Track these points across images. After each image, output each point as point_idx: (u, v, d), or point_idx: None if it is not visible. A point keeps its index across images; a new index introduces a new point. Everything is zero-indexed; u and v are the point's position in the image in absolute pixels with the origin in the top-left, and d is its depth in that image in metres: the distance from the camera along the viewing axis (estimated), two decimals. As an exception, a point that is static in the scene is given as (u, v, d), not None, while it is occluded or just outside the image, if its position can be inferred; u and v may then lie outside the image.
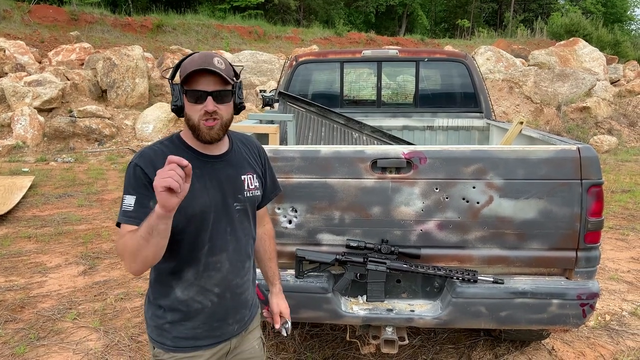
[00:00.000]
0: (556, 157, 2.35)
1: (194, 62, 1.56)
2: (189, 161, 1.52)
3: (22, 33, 18.06)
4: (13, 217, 6.34)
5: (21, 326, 3.67)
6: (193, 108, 1.57)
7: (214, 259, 1.66)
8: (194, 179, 1.57)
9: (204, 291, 1.66)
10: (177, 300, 1.65)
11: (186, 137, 1.66)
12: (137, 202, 1.53)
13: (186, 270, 1.64)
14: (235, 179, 1.71)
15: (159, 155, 1.58)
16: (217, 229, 1.66)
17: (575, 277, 2.45)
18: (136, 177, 1.55)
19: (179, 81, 1.60)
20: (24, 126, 10.85)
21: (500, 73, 14.93)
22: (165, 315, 1.66)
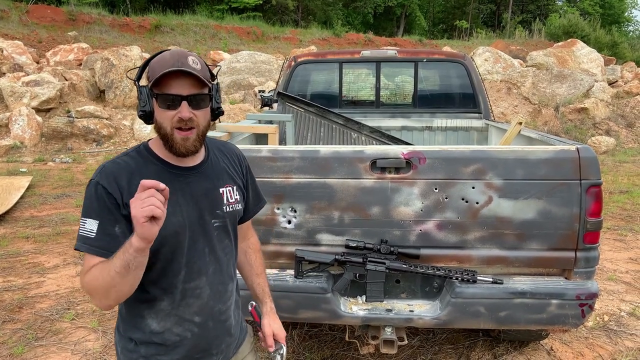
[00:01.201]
0: (555, 158, 2.36)
1: (166, 61, 1.35)
2: (156, 173, 1.40)
3: (20, 33, 18.04)
4: (11, 218, 6.32)
5: (19, 326, 3.66)
6: (165, 115, 1.37)
7: (192, 285, 1.47)
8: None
9: (183, 321, 1.48)
10: (152, 333, 1.46)
11: (155, 146, 1.46)
12: (100, 228, 1.33)
13: (161, 299, 1.45)
14: (212, 193, 1.52)
15: (123, 169, 1.40)
16: (194, 251, 1.47)
17: (574, 277, 2.45)
18: (98, 198, 1.35)
19: (148, 83, 1.39)
20: (21, 126, 10.83)
21: (499, 74, 14.94)
22: (138, 349, 1.47)
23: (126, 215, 1.33)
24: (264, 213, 2.50)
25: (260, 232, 2.51)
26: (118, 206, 1.36)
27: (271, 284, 2.49)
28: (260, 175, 2.46)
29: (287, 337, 3.40)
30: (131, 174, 1.39)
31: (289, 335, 3.44)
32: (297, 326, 3.54)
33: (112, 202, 1.35)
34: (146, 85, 1.39)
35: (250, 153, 2.50)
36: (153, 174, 1.40)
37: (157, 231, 1.19)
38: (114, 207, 1.35)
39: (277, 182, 2.46)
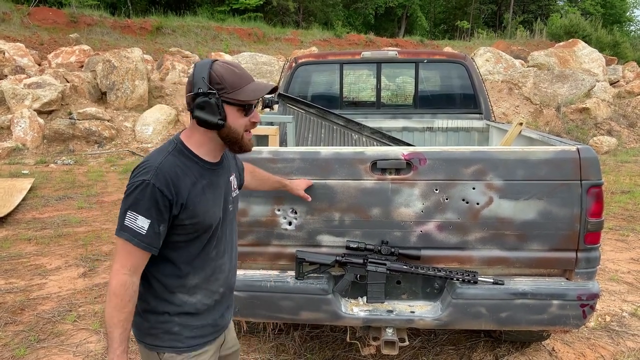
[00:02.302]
0: (556, 158, 2.35)
1: (244, 75, 1.57)
2: (198, 171, 1.61)
3: (22, 35, 18.08)
4: (13, 220, 6.34)
5: (21, 328, 3.66)
6: (241, 120, 1.57)
7: (219, 262, 1.71)
8: (206, 189, 1.62)
9: (211, 293, 1.71)
10: (186, 304, 1.66)
11: (190, 144, 1.61)
12: (151, 227, 1.50)
13: (192, 276, 1.65)
14: (228, 183, 1.76)
15: (176, 170, 1.54)
16: (222, 233, 1.71)
17: (576, 278, 2.45)
18: (153, 199, 1.50)
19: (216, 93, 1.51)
20: (23, 128, 10.85)
21: (500, 74, 14.94)
22: (173, 319, 1.65)
23: (176, 214, 1.54)
24: (264, 214, 2.51)
25: (261, 233, 2.53)
26: (170, 207, 1.52)
27: (272, 285, 2.51)
28: (261, 176, 2.47)
29: (288, 338, 3.42)
30: (183, 173, 1.56)
31: (290, 336, 3.45)
32: (299, 327, 3.54)
33: (166, 203, 1.51)
34: (217, 96, 1.51)
35: (251, 154, 2.50)
36: (197, 172, 1.60)
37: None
38: (165, 208, 1.51)
39: None
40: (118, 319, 1.50)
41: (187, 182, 1.55)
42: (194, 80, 1.53)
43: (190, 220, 1.57)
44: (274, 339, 3.42)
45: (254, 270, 2.62)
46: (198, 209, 1.57)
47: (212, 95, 1.51)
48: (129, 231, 1.49)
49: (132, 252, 1.51)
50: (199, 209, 1.58)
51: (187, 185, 1.55)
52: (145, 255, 1.54)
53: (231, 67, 1.57)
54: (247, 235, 2.54)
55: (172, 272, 1.62)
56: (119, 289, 1.49)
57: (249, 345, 3.39)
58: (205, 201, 1.60)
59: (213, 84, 1.52)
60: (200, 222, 1.59)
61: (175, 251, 1.61)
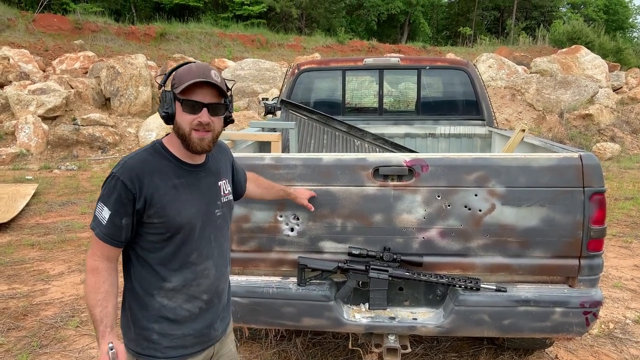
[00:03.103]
0: (558, 165, 2.35)
1: (193, 73, 1.56)
2: (173, 170, 1.62)
3: (27, 42, 18.19)
4: (16, 225, 6.36)
5: (24, 334, 3.67)
6: (186, 117, 1.57)
7: (202, 267, 1.68)
8: (181, 189, 1.62)
9: (193, 299, 1.67)
10: (165, 309, 1.64)
11: (170, 145, 1.65)
12: (110, 219, 1.54)
13: (174, 280, 1.64)
14: (214, 187, 1.74)
15: (144, 166, 1.58)
16: (203, 237, 1.68)
17: (578, 285, 2.44)
18: (117, 192, 1.54)
19: (171, 89, 1.60)
20: (27, 134, 10.90)
21: (502, 80, 14.94)
22: (152, 326, 1.63)
23: (139, 209, 1.55)
24: (266, 220, 2.51)
25: (263, 240, 2.53)
26: (133, 201, 1.54)
27: (274, 291, 2.51)
28: (263, 183, 2.47)
29: (290, 344, 3.41)
30: (153, 171, 1.58)
31: (292, 343, 3.44)
32: (301, 334, 3.53)
33: (129, 197, 1.54)
34: (170, 90, 1.59)
35: (254, 161, 2.51)
36: (171, 170, 1.62)
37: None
38: (129, 202, 1.54)
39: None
40: (95, 299, 1.52)
41: (155, 179, 1.57)
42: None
43: (159, 218, 1.57)
44: (276, 346, 3.42)
45: (256, 276, 2.62)
46: (167, 207, 1.57)
47: (166, 90, 1.59)
48: (95, 220, 1.56)
49: (97, 241, 1.56)
50: (168, 208, 1.58)
51: (155, 182, 1.56)
52: (109, 247, 1.56)
53: (191, 66, 1.60)
54: (250, 241, 2.55)
55: (150, 273, 1.62)
56: (91, 271, 1.55)
57: (251, 352, 3.38)
58: (176, 200, 1.59)
59: (172, 81, 1.60)
60: (170, 222, 1.58)
61: (152, 252, 1.61)
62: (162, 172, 1.59)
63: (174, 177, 1.61)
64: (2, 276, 4.74)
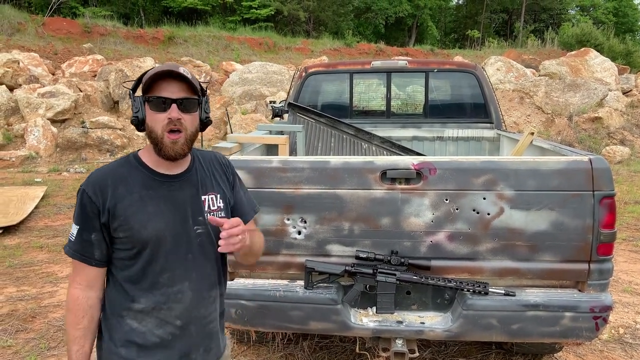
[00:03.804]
0: (568, 169, 2.34)
1: (158, 69, 1.47)
2: (142, 181, 1.50)
3: (36, 45, 18.34)
4: (25, 227, 6.40)
5: (32, 336, 3.68)
6: (156, 117, 1.45)
7: (175, 289, 1.52)
8: (148, 200, 1.49)
9: (164, 324, 1.52)
10: (133, 333, 1.50)
11: (144, 155, 1.54)
12: (79, 234, 1.47)
13: (143, 300, 1.50)
14: (194, 201, 1.56)
15: (109, 176, 1.49)
16: (176, 256, 1.52)
17: (588, 289, 2.42)
18: (82, 205, 1.46)
19: (141, 92, 1.49)
20: (37, 137, 10.98)
21: (511, 83, 14.88)
22: (119, 351, 1.50)
23: (105, 223, 1.46)
24: (273, 223, 2.51)
25: (271, 243, 2.52)
26: (98, 214, 1.46)
27: (281, 294, 2.50)
28: (271, 185, 2.48)
29: (297, 348, 3.40)
30: (117, 181, 1.48)
31: (299, 346, 3.43)
32: (308, 337, 3.52)
33: (94, 210, 1.45)
34: (140, 95, 1.48)
35: (261, 164, 2.51)
36: (139, 181, 1.50)
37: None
38: (94, 215, 1.46)
39: (287, 192, 2.47)
40: (73, 336, 1.46)
41: (119, 190, 1.46)
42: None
43: (124, 232, 1.46)
44: (283, 349, 3.41)
45: (263, 279, 2.62)
46: (132, 220, 1.46)
47: (136, 94, 1.50)
48: (68, 241, 1.50)
49: (73, 263, 1.49)
50: (132, 220, 1.46)
51: (119, 193, 1.46)
52: (85, 267, 1.48)
53: (158, 66, 1.49)
54: (257, 244, 2.54)
55: (119, 292, 1.51)
56: (71, 304, 1.48)
57: (257, 355, 3.38)
58: (143, 213, 1.47)
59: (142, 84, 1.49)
60: (134, 235, 1.46)
61: (121, 270, 1.51)
62: (129, 183, 1.48)
63: (142, 188, 1.49)
64: (10, 278, 4.77)
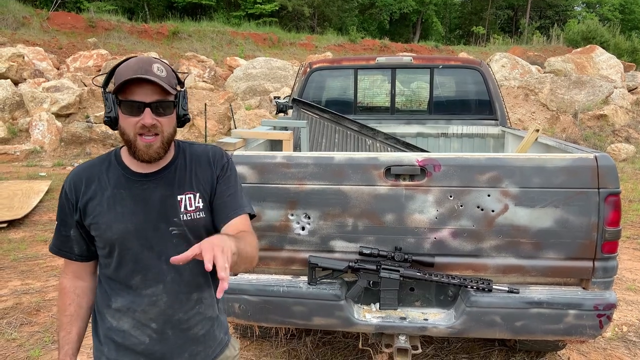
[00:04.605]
0: (573, 166, 2.32)
1: (129, 68, 1.36)
2: (115, 179, 1.45)
3: (41, 39, 18.37)
4: (30, 221, 6.42)
5: (36, 329, 3.70)
6: (128, 121, 1.37)
7: (148, 292, 1.47)
8: (117, 200, 1.44)
9: (140, 325, 1.49)
10: (113, 331, 1.50)
11: (124, 152, 1.50)
12: (58, 229, 1.50)
13: (119, 300, 1.49)
14: (168, 200, 1.47)
15: (84, 174, 1.48)
16: (148, 258, 1.46)
17: (592, 287, 2.41)
18: (60, 201, 1.49)
19: (112, 90, 1.39)
20: (41, 131, 11.01)
21: (516, 80, 14.82)
22: (102, 349, 1.53)
23: (78, 220, 1.46)
24: (277, 219, 2.51)
25: (274, 238, 2.52)
26: (72, 210, 1.47)
27: (285, 290, 2.51)
28: (275, 181, 2.47)
29: (300, 343, 3.41)
30: (91, 179, 1.46)
31: (302, 342, 3.44)
32: (310, 333, 3.53)
33: (69, 206, 1.47)
34: (111, 92, 1.40)
35: (265, 159, 2.51)
36: (114, 180, 1.47)
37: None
38: (70, 211, 1.47)
39: (291, 188, 2.47)
40: (61, 322, 1.53)
41: (91, 187, 1.44)
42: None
43: (94, 231, 1.45)
44: (286, 344, 3.42)
45: (267, 274, 2.62)
46: (99, 219, 1.43)
47: (108, 92, 1.41)
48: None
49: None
50: (100, 220, 1.43)
51: (91, 190, 1.44)
52: (67, 261, 1.55)
53: (130, 62, 1.39)
54: (260, 239, 2.54)
55: (101, 290, 1.53)
56: (60, 292, 1.56)
57: (260, 350, 3.38)
58: (110, 212, 1.42)
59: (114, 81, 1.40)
60: (102, 235, 1.44)
61: (101, 268, 1.53)
62: (102, 181, 1.45)
63: (113, 187, 1.44)
64: (15, 272, 4.79)
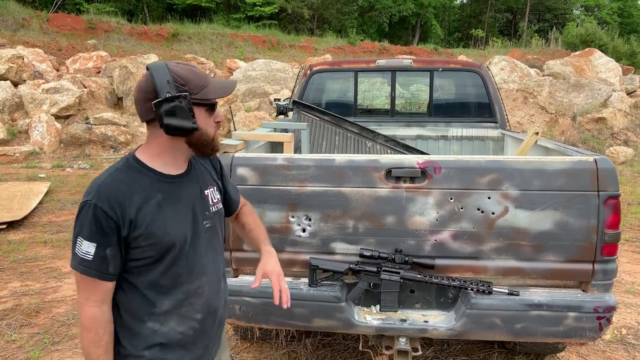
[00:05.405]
0: (572, 169, 2.34)
1: (201, 75, 1.47)
2: (151, 184, 1.45)
3: (41, 41, 18.36)
4: (29, 223, 6.42)
5: (36, 331, 3.70)
6: (210, 121, 1.50)
7: (194, 285, 1.54)
8: (163, 204, 1.46)
9: (186, 319, 1.54)
10: (157, 335, 1.49)
11: (145, 156, 1.49)
12: (97, 252, 1.38)
13: (166, 302, 1.49)
14: (200, 196, 1.58)
15: (120, 187, 1.41)
16: (194, 253, 1.54)
17: (592, 289, 2.42)
18: (96, 221, 1.37)
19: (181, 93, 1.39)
20: (41, 133, 11.01)
21: (515, 83, 14.85)
22: (143, 354, 1.49)
23: (125, 236, 1.40)
24: (278, 221, 2.51)
25: (275, 240, 2.53)
26: (117, 228, 1.39)
27: (285, 292, 2.50)
28: (276, 183, 2.48)
29: (300, 345, 3.41)
30: (130, 191, 1.41)
31: (302, 344, 3.44)
32: (311, 335, 3.53)
33: (111, 225, 1.38)
34: (184, 99, 1.39)
35: (266, 161, 2.52)
36: (149, 187, 1.45)
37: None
38: (111, 230, 1.38)
39: (292, 190, 2.47)
40: (96, 354, 1.41)
41: (135, 199, 1.41)
42: (157, 85, 1.38)
43: (147, 241, 1.42)
44: (286, 346, 3.42)
45: (268, 276, 2.62)
46: (153, 227, 1.42)
47: (182, 99, 1.39)
48: (77, 259, 1.39)
49: (87, 282, 1.40)
50: (154, 228, 1.42)
51: (136, 202, 1.41)
52: (101, 283, 1.41)
53: (188, 67, 1.48)
54: (261, 241, 2.55)
55: (140, 299, 1.47)
56: (89, 323, 1.40)
57: (260, 352, 3.39)
58: (162, 218, 1.45)
59: (179, 86, 1.40)
60: (158, 242, 1.43)
61: (140, 276, 1.46)
62: (141, 190, 1.43)
63: (155, 193, 1.46)
64: (15, 273, 4.79)
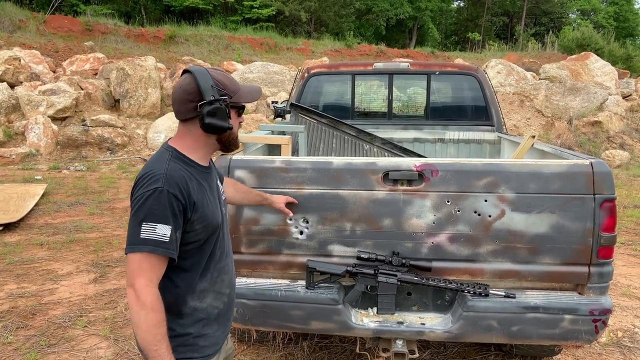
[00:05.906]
0: (569, 172, 2.35)
1: (234, 81, 1.67)
2: (198, 175, 1.65)
3: (37, 43, 18.33)
4: (25, 225, 6.40)
5: (32, 333, 3.69)
6: (236, 122, 1.70)
7: (222, 264, 1.75)
8: (208, 192, 1.66)
9: (219, 295, 1.73)
10: (198, 312, 1.66)
11: (185, 150, 1.64)
12: (172, 233, 1.49)
13: (204, 281, 1.67)
14: (218, 187, 1.81)
15: (182, 175, 1.56)
16: (223, 235, 1.76)
17: (588, 292, 2.43)
18: (169, 205, 1.49)
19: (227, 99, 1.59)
20: (37, 134, 10.99)
21: (511, 86, 14.91)
22: (189, 331, 1.64)
23: (189, 218, 1.55)
24: (276, 223, 2.52)
25: (272, 243, 2.54)
26: (184, 211, 1.54)
27: (282, 294, 2.52)
28: (273, 185, 2.49)
29: (297, 347, 3.41)
30: (188, 178, 1.59)
31: (299, 346, 3.44)
32: (308, 337, 3.53)
33: (180, 208, 1.52)
34: (223, 101, 1.58)
35: (263, 164, 2.52)
36: (195, 175, 1.63)
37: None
38: (180, 213, 1.52)
39: (289, 192, 2.48)
40: (162, 334, 1.45)
41: (194, 185, 1.59)
42: (201, 88, 1.55)
43: (201, 223, 1.59)
44: (283, 349, 3.42)
45: (265, 279, 2.63)
46: (206, 210, 1.61)
47: (222, 102, 1.58)
48: (151, 243, 1.46)
49: (156, 264, 1.48)
50: (207, 211, 1.62)
51: (195, 188, 1.59)
52: (163, 263, 1.51)
53: (223, 73, 1.67)
54: (259, 243, 2.56)
55: (183, 280, 1.61)
56: (156, 304, 1.46)
57: (257, 354, 3.39)
58: (209, 203, 1.64)
59: (221, 89, 1.60)
60: (209, 224, 1.62)
61: (186, 259, 1.60)
62: (194, 178, 1.61)
63: (201, 181, 1.64)
64: (11, 275, 4.78)
